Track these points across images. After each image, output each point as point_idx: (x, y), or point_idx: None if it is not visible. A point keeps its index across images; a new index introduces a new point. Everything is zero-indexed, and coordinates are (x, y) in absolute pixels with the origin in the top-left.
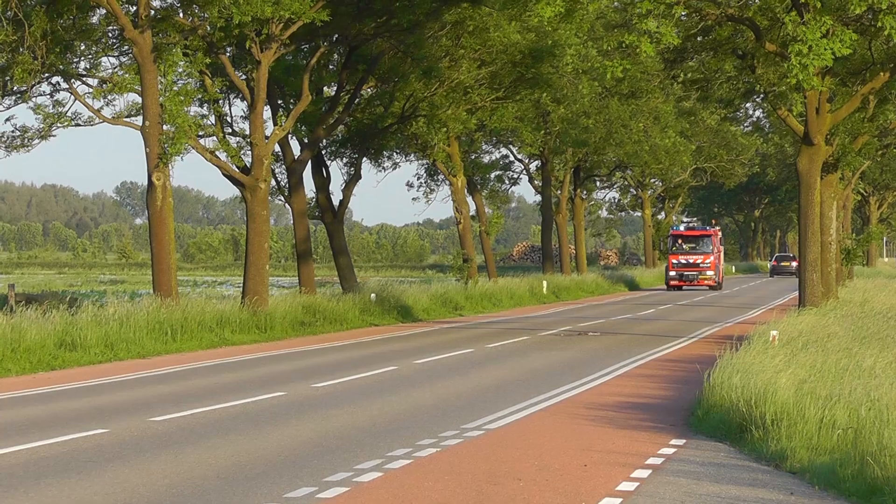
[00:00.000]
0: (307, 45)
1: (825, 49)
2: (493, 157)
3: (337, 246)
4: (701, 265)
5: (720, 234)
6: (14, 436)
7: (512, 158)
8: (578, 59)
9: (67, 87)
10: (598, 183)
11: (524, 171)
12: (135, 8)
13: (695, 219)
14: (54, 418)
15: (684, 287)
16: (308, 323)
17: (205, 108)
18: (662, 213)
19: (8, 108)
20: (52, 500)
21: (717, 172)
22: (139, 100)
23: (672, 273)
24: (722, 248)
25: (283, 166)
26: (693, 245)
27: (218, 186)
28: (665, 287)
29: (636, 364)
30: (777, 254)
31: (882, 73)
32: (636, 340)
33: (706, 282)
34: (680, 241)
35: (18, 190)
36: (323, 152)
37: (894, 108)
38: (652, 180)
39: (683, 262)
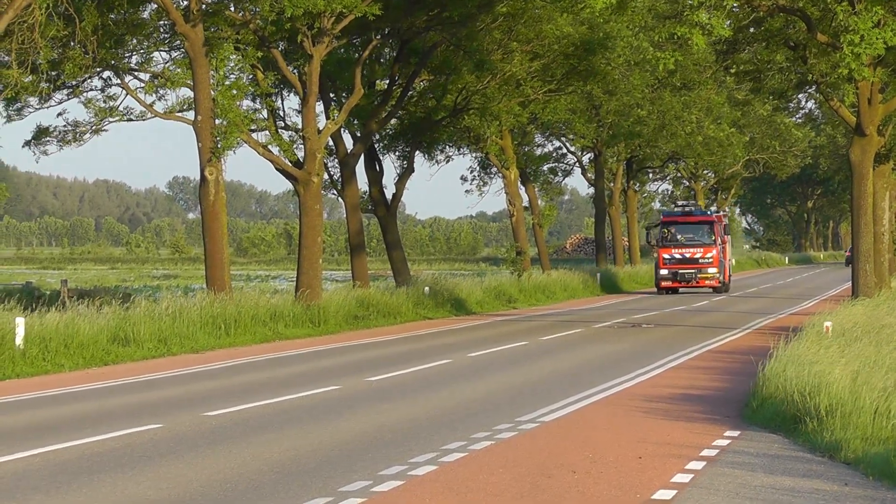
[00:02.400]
0: (359, 39)
1: (877, 39)
2: (546, 150)
3: (390, 239)
4: (701, 261)
5: (726, 219)
6: (68, 431)
7: (564, 150)
8: (630, 51)
9: (119, 81)
10: (650, 175)
11: (577, 164)
12: (186, 2)
13: (691, 201)
14: (108, 413)
15: (680, 289)
16: (361, 317)
17: (257, 102)
18: (715, 205)
19: (60, 103)
20: (106, 495)
21: (769, 164)
22: (191, 94)
23: (663, 272)
24: (728, 237)
25: (336, 160)
26: (690, 235)
27: (271, 181)
28: (655, 290)
29: (690, 356)
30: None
31: None
32: (690, 332)
33: (707, 282)
34: (673, 230)
35: (71, 185)
36: (376, 146)
37: None
38: (705, 172)
39: (678, 256)
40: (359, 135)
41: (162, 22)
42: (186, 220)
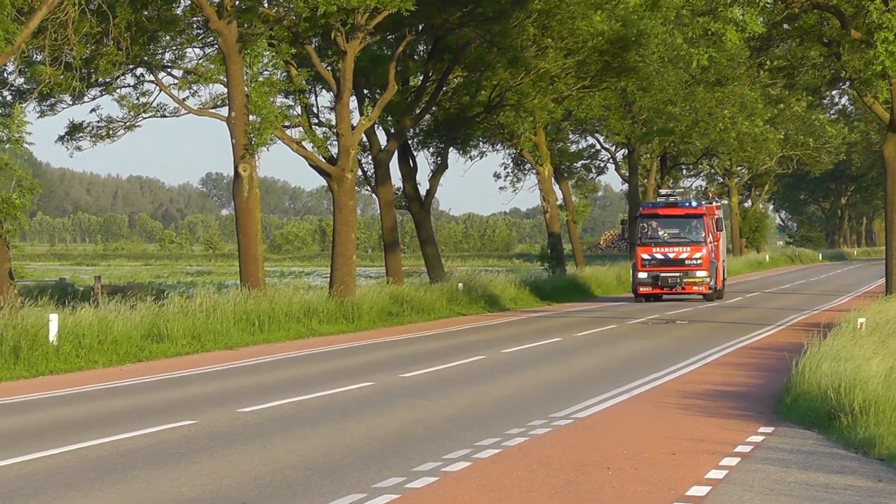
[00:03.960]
0: (393, 35)
1: None
2: (580, 146)
3: (424, 236)
4: (687, 262)
5: (720, 212)
6: (101, 428)
7: (598, 147)
8: (664, 47)
9: (152, 78)
10: (684, 171)
11: (611, 160)
12: None
13: (679, 189)
14: (141, 410)
15: (664, 297)
16: (395, 313)
17: (290, 98)
18: (749, 201)
19: (93, 100)
20: (140, 491)
21: (803, 160)
22: (224, 90)
23: (641, 275)
24: (722, 233)
25: (370, 156)
26: (675, 231)
27: (304, 177)
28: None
29: (724, 352)
30: None
31: None
32: (724, 328)
33: (696, 288)
34: (654, 225)
35: (104, 181)
36: (409, 142)
37: None
38: (738, 168)
39: (660, 257)
40: (392, 131)
41: (195, 18)
42: (220, 216)
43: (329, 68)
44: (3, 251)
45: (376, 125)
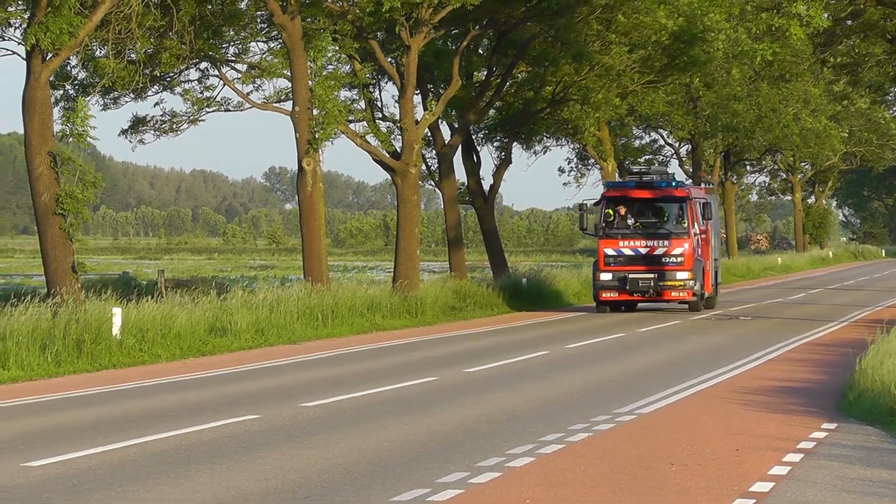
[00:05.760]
0: (457, 30)
1: None
2: (644, 142)
3: (487, 230)
4: (664, 260)
5: (711, 197)
6: (165, 422)
7: (662, 142)
8: (728, 42)
9: (216, 72)
10: (748, 167)
11: (674, 155)
12: None
13: (654, 167)
14: (205, 404)
15: (640, 305)
16: (459, 308)
17: (354, 93)
18: (812, 197)
19: (157, 94)
20: (203, 486)
21: (866, 156)
22: (288, 85)
23: (605, 276)
24: (712, 222)
25: (434, 151)
26: (649, 219)
27: (368, 171)
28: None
29: (787, 348)
30: None
31: None
32: (787, 324)
33: (675, 293)
34: (623, 211)
35: (168, 175)
36: (473, 137)
37: None
38: (802, 164)
39: (629, 253)
40: (456, 126)
41: (259, 13)
42: (283, 210)
43: (393, 63)
44: (67, 245)
45: (440, 120)
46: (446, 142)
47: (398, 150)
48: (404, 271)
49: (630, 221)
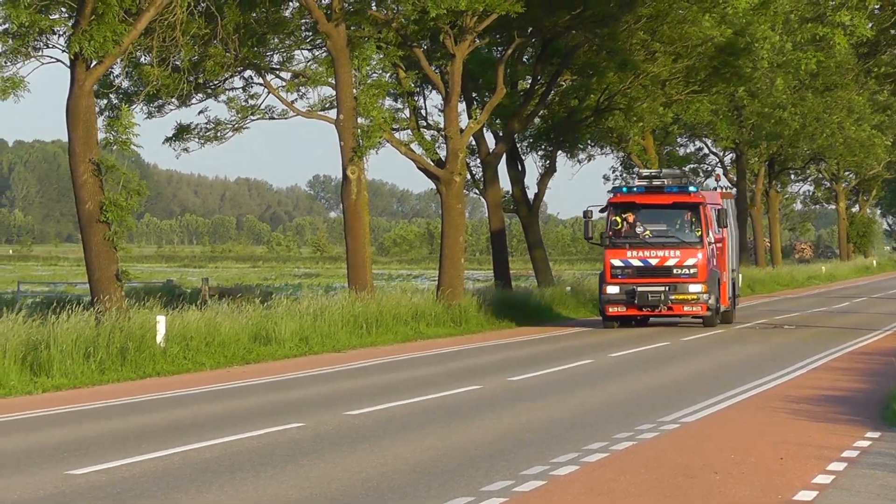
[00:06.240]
0: (501, 38)
1: None
2: (688, 150)
3: (532, 239)
4: (676, 271)
5: (727, 202)
6: (209, 430)
7: (706, 151)
8: (773, 52)
9: (261, 80)
10: (792, 176)
11: (719, 164)
12: (328, 1)
13: (666, 170)
14: (249, 412)
15: (651, 320)
16: (503, 316)
17: (399, 101)
18: (856, 206)
19: (201, 101)
20: (248, 494)
21: None
22: (333, 93)
23: (611, 289)
24: (729, 230)
25: (478, 159)
26: (659, 226)
27: (412, 180)
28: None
29: (831, 357)
30: None
31: None
32: (831, 333)
33: (688, 307)
34: (631, 219)
35: (212, 183)
36: (518, 145)
37: None
38: (846, 173)
39: (637, 263)
40: (501, 134)
41: (304, 21)
42: (328, 218)
43: (437, 71)
44: (111, 253)
45: (485, 128)
46: (491, 150)
47: (442, 158)
48: (448, 280)
49: (639, 230)
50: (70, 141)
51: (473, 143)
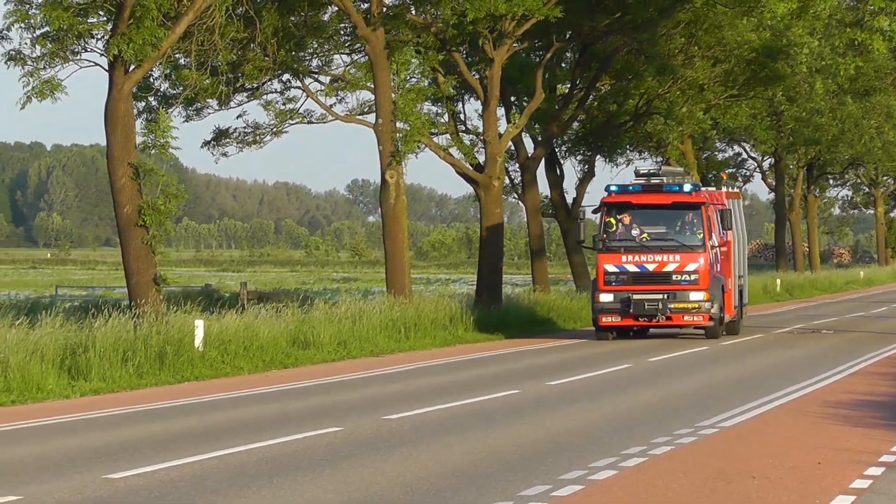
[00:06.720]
0: (540, 42)
1: None
2: (727, 155)
3: (571, 243)
4: (675, 278)
5: (732, 203)
6: (247, 434)
7: (745, 156)
8: (812, 56)
9: (299, 84)
10: (830, 181)
11: (757, 169)
12: (367, 5)
13: (664, 167)
14: (287, 417)
15: (651, 329)
16: (541, 321)
17: (438, 105)
18: (895, 211)
19: (239, 105)
20: (286, 498)
21: None
22: (371, 97)
23: (605, 297)
24: (736, 234)
25: (517, 164)
26: (658, 228)
27: (451, 184)
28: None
29: (869, 361)
30: None
31: None
32: (869, 338)
33: (689, 317)
34: (627, 220)
35: (250, 188)
36: (556, 150)
37: None
38: (884, 178)
39: (633, 269)
40: (540, 139)
41: (342, 25)
42: (366, 223)
43: (476, 76)
44: (149, 257)
45: (523, 132)
46: (529, 154)
47: (481, 162)
48: (487, 284)
49: (635, 232)
50: (108, 145)
51: (512, 147)
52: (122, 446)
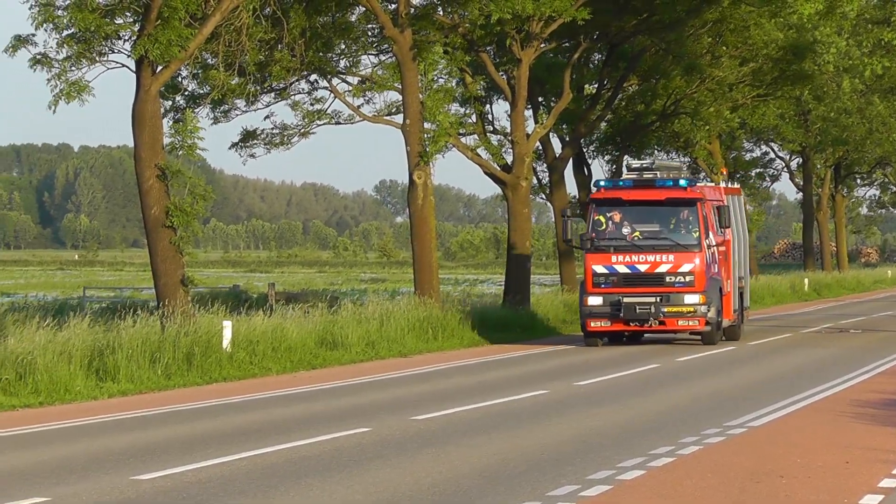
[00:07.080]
0: (568, 43)
1: None
2: (754, 155)
3: None
4: (668, 280)
5: (731, 199)
6: (275, 435)
7: (773, 156)
8: (839, 56)
9: (326, 84)
10: (858, 180)
11: (785, 168)
12: (394, 6)
13: (658, 161)
14: (315, 417)
15: (646, 335)
16: (570, 321)
17: (465, 106)
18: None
19: (266, 106)
20: (314, 499)
21: None
22: (399, 98)
23: (593, 300)
24: (736, 232)
25: (545, 164)
26: (651, 226)
27: (479, 184)
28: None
29: None
30: None
31: None
32: None
33: (683, 322)
34: (617, 218)
35: (278, 188)
36: (584, 150)
37: None
38: None
39: (623, 270)
40: (567, 139)
41: (370, 25)
42: (394, 223)
43: (504, 76)
44: (177, 258)
45: (551, 133)
46: (557, 155)
47: (509, 163)
48: (515, 284)
49: (625, 231)
50: (136, 146)
51: (540, 147)
52: (149, 448)
